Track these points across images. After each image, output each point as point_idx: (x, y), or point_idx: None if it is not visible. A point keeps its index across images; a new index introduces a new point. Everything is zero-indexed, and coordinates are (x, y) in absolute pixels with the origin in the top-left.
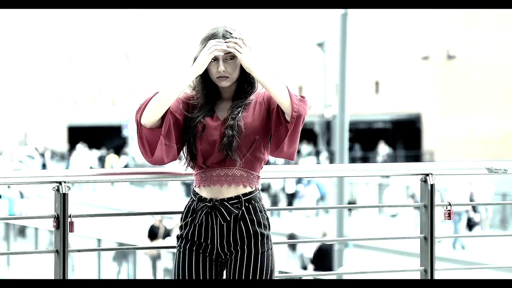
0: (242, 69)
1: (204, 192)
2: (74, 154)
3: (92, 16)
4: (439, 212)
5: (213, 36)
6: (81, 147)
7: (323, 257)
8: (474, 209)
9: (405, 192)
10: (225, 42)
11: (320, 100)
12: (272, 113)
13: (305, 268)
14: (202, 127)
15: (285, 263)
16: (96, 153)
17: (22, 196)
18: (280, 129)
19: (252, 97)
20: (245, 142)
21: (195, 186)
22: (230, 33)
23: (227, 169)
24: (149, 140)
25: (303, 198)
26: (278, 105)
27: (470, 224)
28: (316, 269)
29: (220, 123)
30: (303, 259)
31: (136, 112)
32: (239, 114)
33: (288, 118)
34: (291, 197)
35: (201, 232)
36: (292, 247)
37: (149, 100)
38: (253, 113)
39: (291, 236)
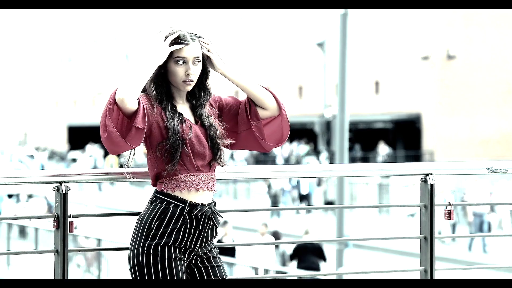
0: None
1: (194, 197)
2: (84, 155)
3: (92, 16)
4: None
5: (178, 39)
6: (90, 148)
7: (302, 254)
8: (492, 210)
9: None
10: (201, 43)
11: (320, 100)
12: (231, 114)
13: (284, 265)
14: (189, 128)
15: (267, 260)
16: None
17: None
18: (258, 125)
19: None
20: None
21: (174, 191)
22: (195, 34)
23: (211, 174)
24: (119, 125)
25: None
26: (249, 104)
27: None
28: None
29: (198, 125)
30: (284, 256)
31: (110, 96)
32: (215, 120)
33: (267, 113)
34: (304, 198)
35: (196, 237)
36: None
37: (117, 89)
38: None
39: (275, 233)
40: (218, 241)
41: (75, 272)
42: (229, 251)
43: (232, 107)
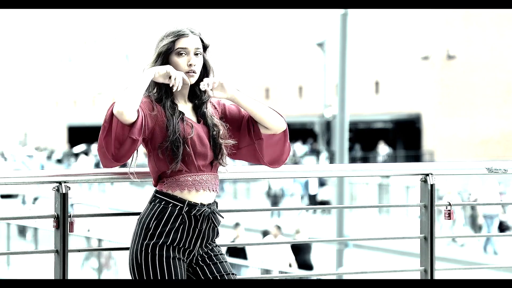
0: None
1: (193, 197)
2: (90, 156)
3: (92, 16)
4: (458, 214)
5: (178, 31)
6: (78, 148)
7: (296, 253)
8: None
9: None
10: (203, 83)
11: (320, 100)
12: (234, 126)
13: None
14: (191, 128)
15: (282, 261)
16: None
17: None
18: (260, 144)
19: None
20: None
21: (174, 191)
22: (194, 29)
23: (213, 174)
24: (117, 136)
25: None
26: (252, 122)
27: (502, 228)
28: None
29: (201, 124)
30: None
31: (108, 109)
32: (218, 121)
33: (269, 131)
34: (313, 199)
35: (195, 237)
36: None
37: (115, 103)
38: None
39: (265, 232)
40: (231, 241)
41: (90, 275)
42: (241, 253)
43: (234, 118)
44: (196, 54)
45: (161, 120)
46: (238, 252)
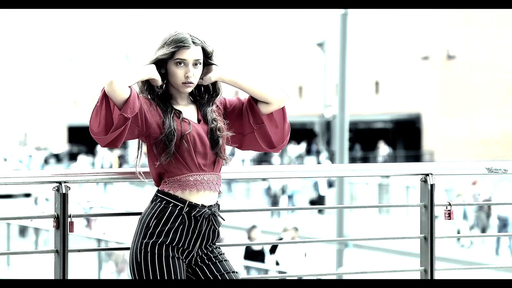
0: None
1: (195, 198)
2: (98, 156)
3: (92, 16)
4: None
5: (180, 41)
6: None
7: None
8: None
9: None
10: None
11: (320, 100)
12: (235, 114)
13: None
14: (188, 124)
15: (296, 263)
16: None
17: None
18: (262, 128)
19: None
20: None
21: (176, 191)
22: (197, 38)
23: (215, 174)
24: (107, 115)
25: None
26: (251, 106)
27: None
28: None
29: (201, 124)
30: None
31: (100, 91)
32: (217, 116)
33: (271, 107)
34: (321, 199)
35: (195, 238)
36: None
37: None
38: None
39: (250, 230)
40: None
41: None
42: (259, 257)
43: (235, 108)
44: (195, 65)
45: (159, 118)
46: (256, 256)
